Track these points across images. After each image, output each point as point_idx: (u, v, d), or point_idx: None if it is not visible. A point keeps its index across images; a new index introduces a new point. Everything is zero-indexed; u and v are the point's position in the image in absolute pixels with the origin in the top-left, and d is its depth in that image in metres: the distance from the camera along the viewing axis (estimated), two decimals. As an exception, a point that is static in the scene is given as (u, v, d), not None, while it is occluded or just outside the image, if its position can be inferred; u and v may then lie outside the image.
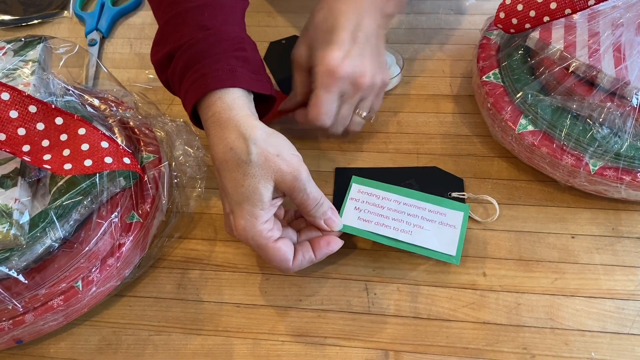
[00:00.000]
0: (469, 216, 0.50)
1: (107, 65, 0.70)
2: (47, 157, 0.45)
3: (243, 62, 0.47)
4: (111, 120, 0.53)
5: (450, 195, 0.53)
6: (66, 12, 0.78)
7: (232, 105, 0.45)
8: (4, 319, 0.44)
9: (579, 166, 0.48)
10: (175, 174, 0.54)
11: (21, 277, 0.44)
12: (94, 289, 0.46)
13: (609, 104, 0.48)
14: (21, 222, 0.43)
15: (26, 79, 0.49)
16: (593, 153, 0.48)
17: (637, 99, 0.47)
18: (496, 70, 0.55)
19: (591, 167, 0.48)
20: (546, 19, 0.50)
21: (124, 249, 0.47)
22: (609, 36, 0.49)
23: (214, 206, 0.56)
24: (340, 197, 0.52)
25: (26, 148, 0.44)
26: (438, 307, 0.48)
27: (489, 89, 0.54)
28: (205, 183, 0.55)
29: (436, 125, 0.60)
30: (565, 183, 0.52)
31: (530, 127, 0.51)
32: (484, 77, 0.55)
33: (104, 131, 0.47)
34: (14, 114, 0.43)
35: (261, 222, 0.44)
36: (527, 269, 0.49)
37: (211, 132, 0.45)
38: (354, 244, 0.52)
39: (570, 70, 0.49)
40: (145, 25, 0.75)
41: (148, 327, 0.49)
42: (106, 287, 0.47)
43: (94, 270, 0.46)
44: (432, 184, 0.54)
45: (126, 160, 0.47)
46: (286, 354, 0.46)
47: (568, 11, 0.48)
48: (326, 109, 0.51)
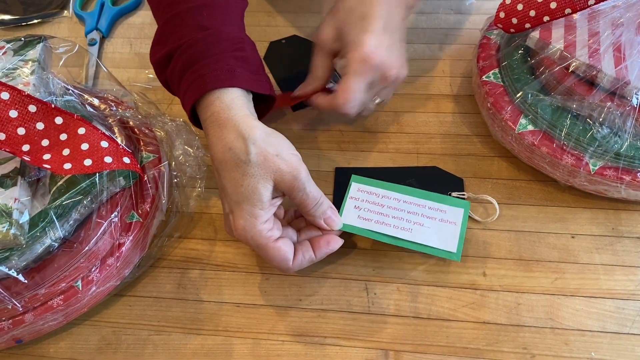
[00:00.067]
0: (469, 216, 0.50)
1: (106, 65, 0.70)
2: (46, 157, 0.45)
3: (242, 62, 0.47)
4: (111, 120, 0.53)
5: (450, 195, 0.53)
6: (66, 11, 0.78)
7: (230, 105, 0.45)
8: (3, 318, 0.44)
9: (579, 166, 0.48)
10: (175, 173, 0.54)
11: (21, 277, 0.44)
12: (93, 288, 0.46)
13: (609, 103, 0.48)
14: (21, 222, 0.43)
15: (26, 78, 0.49)
16: (593, 153, 0.48)
17: (637, 98, 0.47)
18: (496, 70, 0.55)
19: (591, 167, 0.48)
20: (546, 18, 0.50)
21: (123, 248, 0.47)
22: (609, 36, 0.49)
23: (213, 206, 0.56)
24: (340, 197, 0.52)
25: (26, 147, 0.44)
26: (438, 307, 0.48)
27: (489, 88, 0.54)
28: (205, 183, 0.55)
29: (436, 125, 0.60)
30: (565, 183, 0.52)
31: (530, 127, 0.51)
32: (484, 77, 0.55)
33: (104, 131, 0.47)
34: (13, 114, 0.43)
35: (261, 222, 0.44)
36: (527, 268, 0.49)
37: (210, 132, 0.45)
38: (353, 243, 0.52)
39: (570, 70, 0.49)
40: (145, 24, 0.75)
41: (148, 326, 0.49)
42: (106, 287, 0.47)
43: (93, 270, 0.46)
44: (432, 184, 0.54)
45: (126, 160, 0.47)
46: (286, 353, 0.46)
47: (568, 11, 0.48)
48: (356, 96, 0.50)
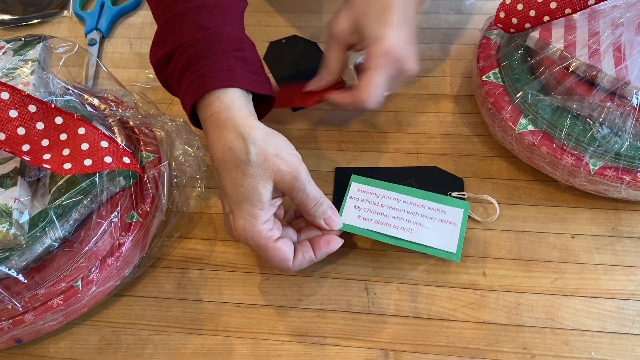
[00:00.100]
0: (468, 216, 0.50)
1: (106, 65, 0.70)
2: (46, 157, 0.45)
3: (242, 62, 0.47)
4: (111, 120, 0.53)
5: (450, 195, 0.53)
6: (66, 11, 0.78)
7: (230, 105, 0.45)
8: (3, 318, 0.44)
9: (579, 166, 0.48)
10: (175, 173, 0.54)
11: (21, 277, 0.44)
12: (93, 288, 0.46)
13: (609, 103, 0.48)
14: (21, 222, 0.43)
15: (26, 78, 0.49)
16: (593, 153, 0.48)
17: (637, 98, 0.47)
18: (496, 70, 0.55)
19: (591, 167, 0.48)
20: (546, 18, 0.50)
21: (123, 248, 0.47)
22: (609, 36, 0.49)
23: (213, 206, 0.56)
24: (340, 197, 0.52)
25: (26, 147, 0.44)
26: (438, 307, 0.48)
27: (489, 88, 0.54)
28: (205, 183, 0.55)
29: (436, 125, 0.60)
30: (565, 183, 0.52)
31: (530, 127, 0.51)
32: (484, 77, 0.55)
33: (104, 131, 0.47)
34: (13, 114, 0.43)
35: (261, 222, 0.44)
36: (527, 268, 0.49)
37: (210, 132, 0.45)
38: (353, 243, 0.52)
39: (570, 70, 0.49)
40: (145, 24, 0.75)
41: (148, 326, 0.49)
42: (106, 287, 0.47)
43: (93, 269, 0.46)
44: (432, 184, 0.54)
45: (126, 160, 0.47)
46: (286, 353, 0.46)
47: (568, 11, 0.48)
48: (379, 90, 0.50)
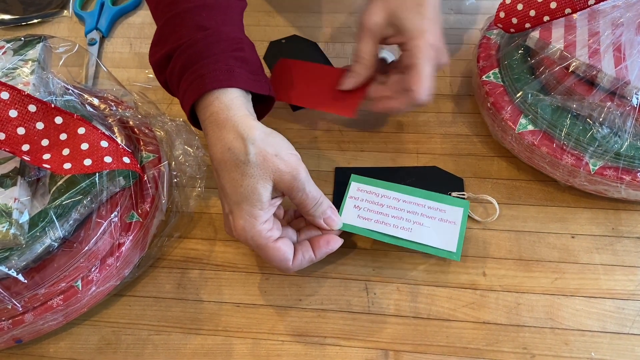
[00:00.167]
0: (468, 215, 0.50)
1: (106, 65, 0.70)
2: (46, 157, 0.45)
3: (241, 62, 0.47)
4: (111, 120, 0.53)
5: (450, 195, 0.53)
6: (66, 11, 0.78)
7: (230, 105, 0.45)
8: (3, 318, 0.44)
9: (579, 166, 0.48)
10: (175, 173, 0.54)
11: (21, 277, 0.44)
12: (93, 288, 0.46)
13: (609, 103, 0.48)
14: (21, 222, 0.43)
15: (26, 78, 0.49)
16: (593, 153, 0.48)
17: (637, 98, 0.47)
18: (496, 70, 0.55)
19: (591, 167, 0.48)
20: (546, 18, 0.50)
21: (123, 248, 0.47)
22: (609, 36, 0.48)
23: (213, 206, 0.56)
24: (339, 197, 0.51)
25: (26, 147, 0.44)
26: (438, 307, 0.48)
27: (489, 88, 0.54)
28: (205, 182, 0.55)
29: (436, 125, 0.60)
30: (565, 183, 0.52)
31: (530, 127, 0.51)
32: (484, 77, 0.55)
33: (104, 130, 0.47)
34: (13, 113, 0.43)
35: (260, 222, 0.44)
36: (527, 268, 0.49)
37: (209, 133, 0.45)
38: (353, 243, 0.52)
39: (570, 70, 0.49)
40: (145, 24, 0.75)
41: (148, 326, 0.49)
42: (106, 287, 0.47)
43: (93, 269, 0.46)
44: (432, 184, 0.54)
45: (126, 160, 0.47)
46: (286, 353, 0.46)
47: (568, 11, 0.48)
48: (431, 82, 0.50)
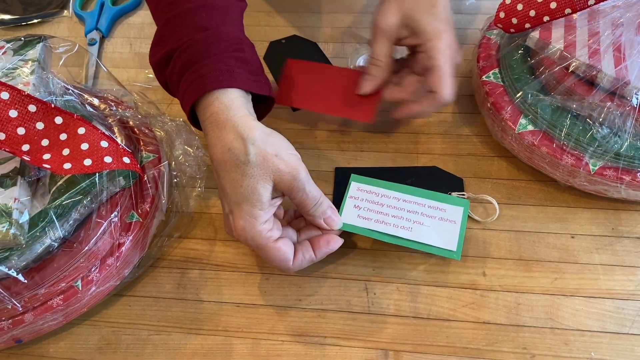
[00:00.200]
0: (468, 216, 0.50)
1: (106, 65, 0.70)
2: (46, 157, 0.45)
3: (241, 62, 0.47)
4: (111, 120, 0.53)
5: (450, 195, 0.53)
6: (66, 11, 0.78)
7: (230, 105, 0.45)
8: (3, 318, 0.44)
9: (579, 166, 0.48)
10: (175, 173, 0.54)
11: (20, 277, 0.44)
12: (93, 288, 0.46)
13: (608, 103, 0.48)
14: (21, 222, 0.43)
15: (26, 78, 0.49)
16: (593, 153, 0.48)
17: (637, 98, 0.47)
18: (496, 70, 0.55)
19: (591, 167, 0.48)
20: (546, 18, 0.50)
21: (123, 248, 0.47)
22: (609, 36, 0.48)
23: (213, 206, 0.56)
24: (340, 197, 0.51)
25: (26, 147, 0.44)
26: (438, 307, 0.48)
27: (489, 88, 0.54)
28: (205, 182, 0.55)
29: (436, 125, 0.60)
30: (565, 183, 0.52)
31: (530, 127, 0.51)
32: (484, 77, 0.55)
33: (104, 130, 0.47)
34: (13, 113, 0.43)
35: (260, 222, 0.44)
36: (527, 268, 0.49)
37: (209, 133, 0.45)
38: (353, 243, 0.52)
39: (570, 70, 0.49)
40: (145, 24, 0.75)
41: (147, 326, 0.49)
42: (106, 287, 0.47)
43: (93, 269, 0.46)
44: (432, 184, 0.54)
45: (126, 160, 0.47)
46: (286, 353, 0.46)
47: (568, 11, 0.48)
48: (453, 84, 0.50)
